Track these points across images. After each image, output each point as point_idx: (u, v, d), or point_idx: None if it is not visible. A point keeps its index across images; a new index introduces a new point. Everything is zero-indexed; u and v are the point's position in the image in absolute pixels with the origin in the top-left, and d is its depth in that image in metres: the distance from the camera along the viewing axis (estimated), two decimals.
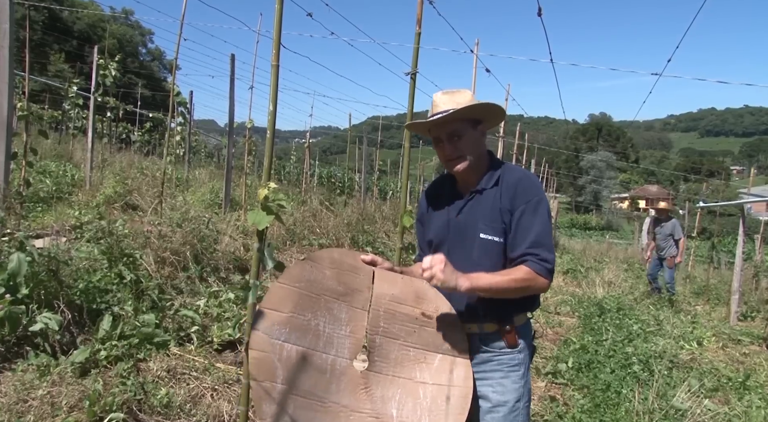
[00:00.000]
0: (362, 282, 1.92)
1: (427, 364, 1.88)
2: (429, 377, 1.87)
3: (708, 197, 35.22)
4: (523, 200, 1.89)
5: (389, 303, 1.90)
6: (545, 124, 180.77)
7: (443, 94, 1.99)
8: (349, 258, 1.94)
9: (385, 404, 1.82)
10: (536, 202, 1.89)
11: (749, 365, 5.77)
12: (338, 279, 1.89)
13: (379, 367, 1.85)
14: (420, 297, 1.93)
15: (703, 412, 4.01)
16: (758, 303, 9.30)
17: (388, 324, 1.89)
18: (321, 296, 1.86)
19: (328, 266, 1.90)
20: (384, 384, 1.84)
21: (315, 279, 1.87)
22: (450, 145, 1.96)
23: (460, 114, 1.92)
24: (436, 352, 1.90)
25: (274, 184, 1.89)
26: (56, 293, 3.54)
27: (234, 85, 8.36)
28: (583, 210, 68.93)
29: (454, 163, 1.96)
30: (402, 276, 1.97)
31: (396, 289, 1.93)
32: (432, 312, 1.92)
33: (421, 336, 1.90)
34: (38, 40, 32.83)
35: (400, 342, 1.89)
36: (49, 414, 2.62)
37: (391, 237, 8.82)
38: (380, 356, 1.86)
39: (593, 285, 10.20)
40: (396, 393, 1.84)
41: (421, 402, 1.83)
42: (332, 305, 1.87)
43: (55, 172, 9.45)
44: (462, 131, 1.95)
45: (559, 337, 6.25)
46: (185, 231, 5.31)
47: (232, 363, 3.75)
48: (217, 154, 24.13)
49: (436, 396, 1.84)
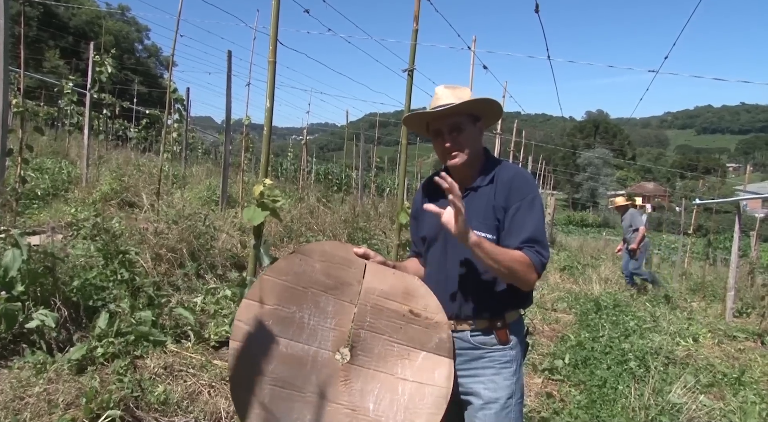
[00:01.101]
0: (353, 275, 1.92)
1: (410, 361, 1.88)
2: (410, 374, 1.87)
3: (704, 194, 35.36)
4: (518, 197, 1.90)
5: (378, 298, 1.90)
6: (542, 121, 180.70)
7: (446, 88, 2.01)
8: (341, 251, 1.95)
9: (364, 397, 1.83)
10: (531, 199, 1.90)
11: (744, 361, 5.80)
12: (328, 272, 1.90)
13: (362, 361, 1.86)
14: (410, 293, 1.93)
15: (699, 408, 4.03)
16: (753, 300, 9.31)
17: (375, 319, 1.89)
18: (308, 289, 1.87)
19: (318, 259, 1.91)
20: (365, 377, 1.85)
21: (303, 271, 1.88)
22: (450, 137, 1.97)
23: (463, 107, 1.94)
24: (421, 350, 1.89)
25: (269, 181, 1.89)
26: (52, 290, 3.54)
27: (231, 82, 8.33)
28: (580, 207, 69.18)
29: (452, 157, 1.97)
30: (393, 272, 1.97)
31: (386, 285, 1.93)
32: (420, 310, 1.91)
33: (407, 333, 1.90)
34: (34, 37, 32.67)
35: (385, 338, 1.89)
36: (45, 412, 2.62)
37: (388, 234, 8.82)
38: (363, 350, 1.87)
39: (590, 281, 10.22)
40: (375, 387, 1.84)
41: (399, 398, 1.83)
42: (319, 298, 1.88)
43: (51, 169, 9.41)
44: (463, 125, 1.97)
45: (556, 334, 6.27)
46: (182, 228, 5.31)
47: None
48: (214, 150, 24.06)
49: (414, 393, 1.84)
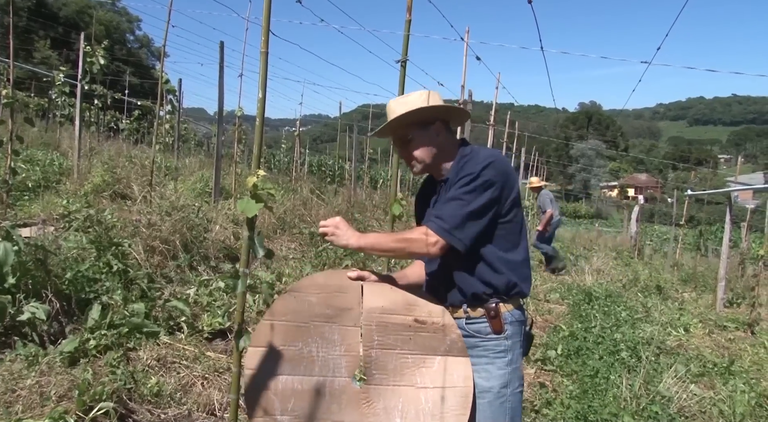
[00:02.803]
0: (351, 299, 1.92)
1: (426, 368, 1.90)
2: (430, 381, 1.88)
3: (696, 185, 35.55)
4: (456, 180, 1.89)
5: (381, 315, 1.91)
6: (535, 113, 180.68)
7: (395, 103, 2.01)
8: (334, 279, 1.96)
9: (389, 415, 1.84)
10: (468, 180, 1.85)
11: (734, 351, 5.85)
12: (326, 303, 1.90)
13: (379, 380, 1.87)
14: (411, 304, 1.94)
15: (689, 397, 4.07)
16: (744, 290, 9.39)
17: (383, 336, 1.90)
18: (310, 323, 1.88)
19: (313, 293, 1.91)
20: (386, 395, 1.87)
21: (300, 309, 1.89)
22: (403, 150, 2.02)
23: (403, 120, 1.95)
24: (435, 355, 1.91)
25: (263, 172, 1.88)
26: (44, 283, 3.51)
27: (223, 73, 8.26)
28: (573, 198, 69.36)
29: (411, 167, 2.03)
30: (391, 287, 1.98)
31: (386, 301, 1.93)
32: (425, 317, 1.93)
33: (417, 342, 1.91)
34: (24, 27, 32.28)
35: (396, 352, 1.90)
36: (38, 404, 2.61)
37: (382, 225, 8.82)
38: (378, 368, 1.88)
39: (582, 272, 10.26)
40: (399, 402, 1.86)
41: (423, 407, 1.86)
42: (323, 329, 1.88)
43: (42, 161, 9.33)
44: (410, 136, 1.98)
45: (549, 324, 6.30)
46: (175, 219, 5.29)
47: (222, 352, 3.75)
48: (206, 142, 23.90)
49: (437, 399, 1.86)
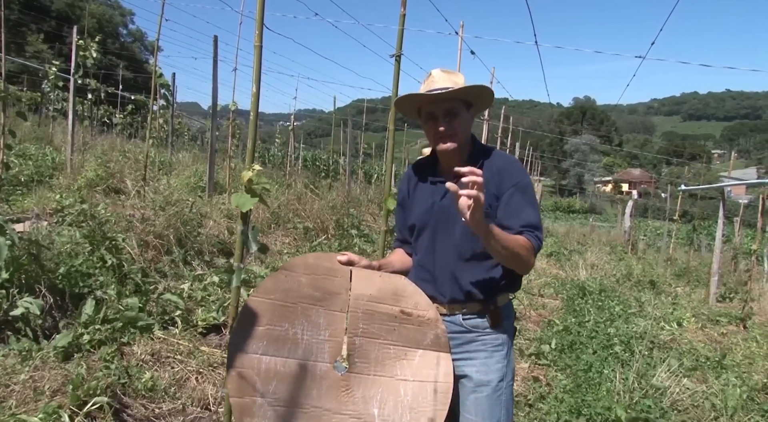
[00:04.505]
0: (340, 284, 1.91)
1: (408, 361, 1.89)
2: (410, 374, 1.88)
3: (690, 180, 35.66)
4: (511, 183, 1.91)
5: (368, 303, 1.90)
6: (530, 108, 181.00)
7: (442, 72, 2.00)
8: (325, 261, 1.94)
9: (367, 404, 1.83)
10: (525, 185, 1.93)
11: (726, 345, 5.90)
12: (315, 285, 1.89)
13: (360, 368, 1.86)
14: (398, 294, 1.94)
15: (682, 391, 4.11)
16: (736, 285, 9.46)
17: (368, 325, 1.89)
18: (298, 304, 1.87)
19: (303, 273, 1.90)
20: (365, 384, 1.86)
21: (290, 287, 1.87)
22: (445, 122, 1.96)
23: (459, 93, 1.93)
24: (417, 348, 1.90)
25: (258, 167, 1.87)
26: (37, 277, 3.50)
27: (217, 67, 8.22)
28: (567, 193, 69.50)
29: (444, 141, 1.96)
30: (380, 274, 1.97)
31: (374, 289, 1.93)
32: (411, 309, 1.92)
33: (401, 334, 1.90)
34: (15, 20, 31.95)
35: (380, 342, 1.89)
36: (31, 399, 2.60)
37: (377, 219, 8.83)
38: (360, 357, 1.87)
39: (576, 267, 10.30)
40: (377, 392, 1.85)
41: (402, 399, 1.85)
42: (310, 311, 1.87)
43: (35, 155, 9.27)
44: (458, 110, 1.96)
45: (543, 319, 6.32)
46: (168, 214, 5.27)
47: (216, 347, 3.75)
48: (200, 137, 23.79)
49: (417, 392, 1.85)
